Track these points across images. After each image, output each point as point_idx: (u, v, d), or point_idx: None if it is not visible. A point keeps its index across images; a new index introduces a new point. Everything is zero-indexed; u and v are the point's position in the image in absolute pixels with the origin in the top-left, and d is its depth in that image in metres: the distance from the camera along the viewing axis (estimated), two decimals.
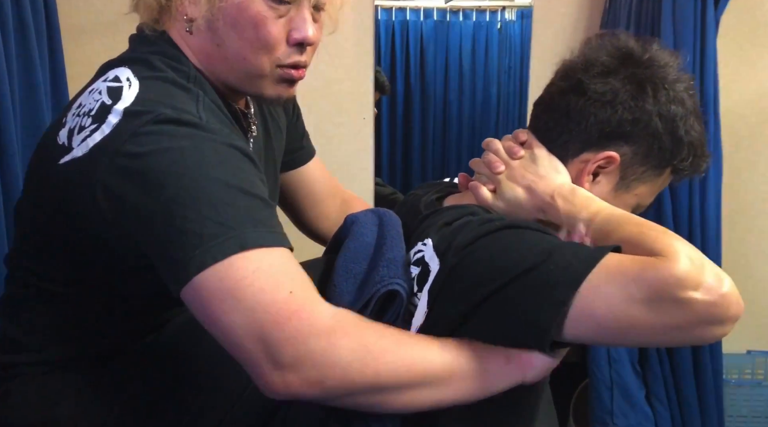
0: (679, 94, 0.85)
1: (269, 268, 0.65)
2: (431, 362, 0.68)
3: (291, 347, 0.64)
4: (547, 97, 0.92)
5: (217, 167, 0.68)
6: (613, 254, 0.69)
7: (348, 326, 0.67)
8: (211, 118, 0.74)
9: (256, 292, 0.64)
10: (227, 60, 0.80)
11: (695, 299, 0.64)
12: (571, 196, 0.82)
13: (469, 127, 3.79)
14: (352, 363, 0.65)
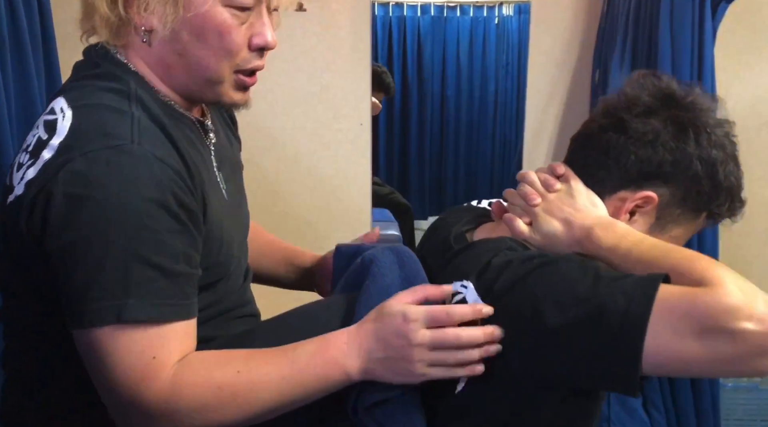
0: (720, 139, 0.84)
1: (138, 340, 0.70)
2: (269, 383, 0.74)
3: (142, 408, 0.71)
4: (586, 133, 0.89)
5: (123, 230, 0.68)
6: (662, 286, 0.67)
7: (184, 387, 0.71)
8: (147, 139, 0.72)
9: (119, 362, 0.70)
10: (188, 68, 0.79)
11: (748, 330, 0.61)
12: (610, 229, 0.81)
13: (466, 123, 3.79)
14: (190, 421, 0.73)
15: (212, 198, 0.82)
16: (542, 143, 2.04)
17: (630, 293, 0.67)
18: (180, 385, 0.71)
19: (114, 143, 0.70)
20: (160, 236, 0.70)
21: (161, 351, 0.71)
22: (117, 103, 0.75)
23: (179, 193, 0.72)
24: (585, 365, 0.69)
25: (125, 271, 0.68)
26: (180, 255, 0.72)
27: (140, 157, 0.70)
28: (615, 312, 0.66)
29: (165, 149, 0.74)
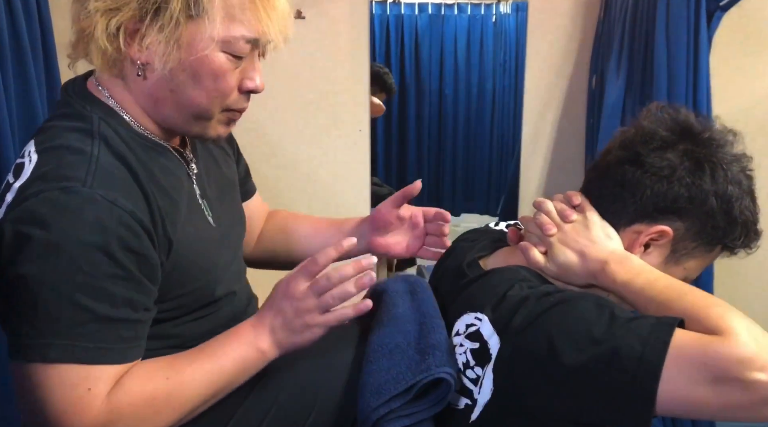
0: (737, 176, 0.83)
1: (65, 379, 0.71)
2: (196, 380, 0.78)
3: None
4: (602, 165, 0.89)
5: (59, 272, 0.70)
6: (677, 331, 0.67)
7: (123, 409, 0.74)
8: (101, 180, 0.73)
9: (46, 395, 0.71)
10: (178, 104, 0.81)
11: (760, 381, 0.62)
12: (624, 264, 0.81)
13: (464, 121, 3.79)
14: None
15: (187, 228, 0.83)
16: (540, 148, 2.06)
17: (645, 337, 0.67)
18: (117, 408, 0.74)
19: (64, 185, 0.71)
20: (96, 281, 0.71)
21: (96, 386, 0.72)
22: (79, 142, 0.76)
23: (126, 237, 0.73)
24: (598, 405, 0.70)
25: (56, 312, 0.70)
26: (118, 300, 0.73)
27: (87, 200, 0.71)
28: (630, 357, 0.66)
29: (121, 189, 0.75)
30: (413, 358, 0.79)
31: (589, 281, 0.84)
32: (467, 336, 0.80)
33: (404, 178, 3.75)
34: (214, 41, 0.77)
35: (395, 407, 0.77)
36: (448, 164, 3.79)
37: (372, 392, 0.78)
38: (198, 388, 0.78)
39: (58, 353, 0.71)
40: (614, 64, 1.75)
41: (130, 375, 0.76)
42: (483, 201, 3.75)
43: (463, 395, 0.79)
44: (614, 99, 1.73)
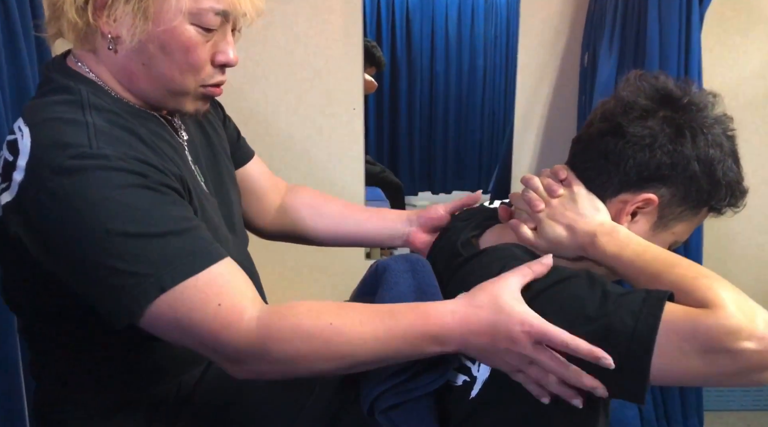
0: (718, 138, 0.84)
1: (192, 295, 0.71)
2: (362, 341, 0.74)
3: (232, 353, 0.72)
4: (585, 138, 0.90)
5: (117, 219, 0.70)
6: (667, 305, 0.69)
7: (273, 332, 0.72)
8: (105, 141, 0.74)
9: (188, 320, 0.71)
10: (152, 78, 0.81)
11: (748, 349, 0.64)
12: (613, 235, 0.82)
13: (455, 98, 3.78)
14: (287, 361, 0.73)
15: (192, 185, 0.84)
16: (532, 125, 2.06)
17: (636, 311, 0.69)
18: (268, 329, 0.72)
19: (72, 152, 0.72)
20: (151, 210, 0.73)
21: (222, 297, 0.72)
22: (71, 113, 0.76)
23: (151, 174, 0.75)
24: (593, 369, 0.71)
25: (140, 250, 0.71)
26: (177, 218, 0.75)
27: (101, 157, 0.72)
28: (623, 332, 0.68)
29: (127, 146, 0.76)
30: None
31: (578, 254, 0.85)
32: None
33: (396, 155, 3.75)
34: (182, 13, 0.77)
35: (396, 382, 0.79)
36: (439, 142, 3.79)
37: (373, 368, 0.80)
38: (362, 350, 0.73)
39: (170, 277, 0.71)
40: (606, 42, 1.76)
41: (295, 304, 0.75)
42: (474, 179, 3.76)
43: (461, 372, 0.81)
44: (606, 76, 1.74)
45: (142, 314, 0.71)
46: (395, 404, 0.79)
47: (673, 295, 0.71)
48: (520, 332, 0.70)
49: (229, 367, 0.75)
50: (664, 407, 1.83)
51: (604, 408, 0.85)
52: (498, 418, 0.80)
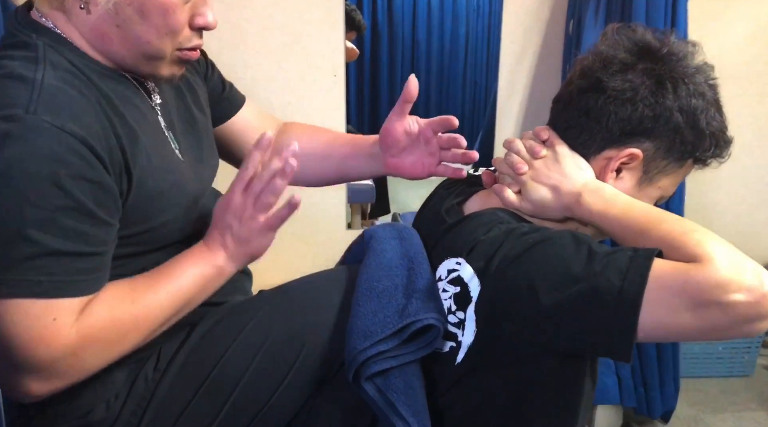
0: (699, 87, 0.82)
1: (23, 314, 0.69)
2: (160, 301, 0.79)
3: (41, 370, 0.71)
4: (565, 96, 0.88)
5: (7, 205, 0.66)
6: (655, 261, 0.68)
7: (90, 332, 0.73)
8: (46, 105, 0.68)
9: (9, 328, 0.69)
10: (126, 41, 0.77)
11: (738, 301, 0.64)
12: (598, 193, 0.81)
13: (437, 67, 3.74)
14: (99, 361, 0.76)
15: (153, 158, 0.80)
16: (516, 94, 2.05)
17: (624, 270, 0.68)
18: (86, 334, 0.73)
19: (6, 113, 0.67)
20: (46, 213, 0.68)
21: (60, 317, 0.71)
22: (22, 68, 0.72)
23: (77, 165, 0.69)
24: (580, 338, 0.72)
25: (5, 247, 0.67)
26: (71, 233, 0.70)
27: (31, 127, 0.67)
28: (609, 291, 0.67)
29: (70, 115, 0.70)
30: (401, 302, 0.80)
31: (565, 214, 0.84)
32: (449, 281, 0.81)
33: (377, 124, 3.71)
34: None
35: (382, 349, 0.78)
36: (421, 111, 3.76)
37: (359, 335, 0.79)
38: (162, 309, 0.80)
39: (12, 288, 0.68)
40: (592, 10, 1.74)
41: (97, 301, 0.74)
42: None
43: (447, 339, 0.81)
44: (591, 44, 1.72)
45: None
46: (381, 371, 0.78)
47: (661, 252, 0.70)
48: (224, 205, 0.82)
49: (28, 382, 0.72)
50: (642, 374, 1.86)
51: (591, 374, 0.85)
52: (484, 383, 0.80)
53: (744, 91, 2.03)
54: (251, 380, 0.85)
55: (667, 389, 1.88)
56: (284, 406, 0.87)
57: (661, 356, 1.86)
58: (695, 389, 2.17)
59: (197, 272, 0.82)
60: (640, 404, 1.88)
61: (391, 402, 0.78)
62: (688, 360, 2.18)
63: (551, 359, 0.77)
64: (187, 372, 0.85)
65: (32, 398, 0.73)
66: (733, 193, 2.15)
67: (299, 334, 0.86)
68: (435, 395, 0.83)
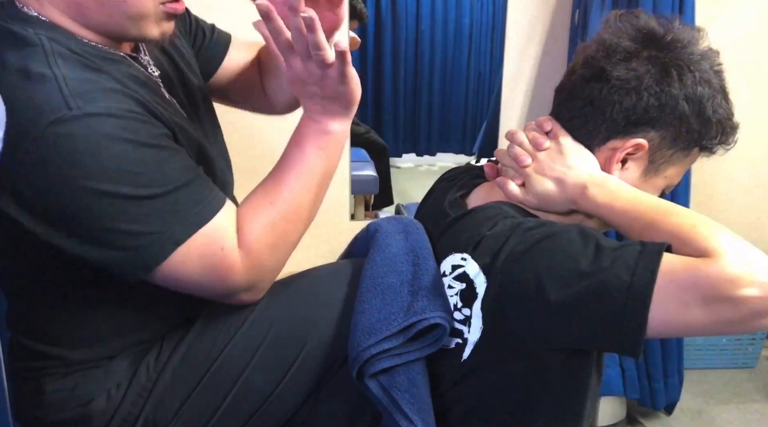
0: (705, 74, 0.80)
1: (201, 244, 0.75)
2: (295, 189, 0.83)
3: (241, 285, 0.80)
4: (569, 85, 0.86)
5: (121, 185, 0.70)
6: (664, 256, 0.67)
7: (258, 247, 0.79)
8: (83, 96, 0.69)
9: (199, 269, 0.76)
10: (103, 5, 0.75)
11: (750, 296, 0.63)
12: (604, 185, 0.79)
13: (441, 58, 3.72)
14: (280, 262, 0.84)
15: (174, 121, 0.82)
16: (520, 85, 2.03)
17: (632, 265, 0.66)
18: (253, 249, 0.79)
19: (55, 118, 0.68)
20: (155, 169, 0.73)
21: (224, 240, 0.77)
22: (35, 66, 0.71)
23: (144, 127, 0.73)
24: (588, 335, 0.71)
25: (150, 209, 0.72)
26: (180, 171, 0.75)
27: (84, 117, 0.69)
28: (618, 287, 0.66)
29: (108, 94, 0.72)
30: (406, 299, 0.79)
31: (569, 207, 0.83)
32: (455, 278, 0.80)
33: (380, 115, 3.70)
34: None
35: (387, 347, 0.77)
36: (424, 102, 3.75)
37: (363, 332, 0.78)
38: (302, 195, 0.83)
39: (182, 229, 0.74)
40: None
41: (240, 220, 0.80)
42: (458, 140, 3.73)
43: (453, 335, 0.80)
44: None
45: (157, 270, 0.74)
46: (385, 369, 0.78)
47: (670, 246, 0.68)
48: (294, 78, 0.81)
49: (238, 299, 0.82)
50: (645, 366, 1.85)
51: (597, 368, 0.85)
52: (490, 379, 0.80)
53: (750, 82, 2.02)
54: (252, 374, 0.84)
55: (671, 381, 1.88)
56: (286, 401, 0.87)
57: (665, 347, 1.86)
58: (699, 381, 2.17)
59: (315, 145, 0.83)
60: (644, 396, 1.88)
61: (395, 400, 0.77)
62: (692, 352, 2.18)
63: (558, 355, 0.76)
64: (188, 364, 0.85)
65: (258, 299, 0.85)
66: (739, 185, 2.13)
67: (302, 328, 0.85)
68: (440, 391, 0.82)
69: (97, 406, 0.83)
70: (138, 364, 0.85)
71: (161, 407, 0.84)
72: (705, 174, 2.06)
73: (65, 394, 0.83)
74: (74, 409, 0.83)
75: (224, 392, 0.84)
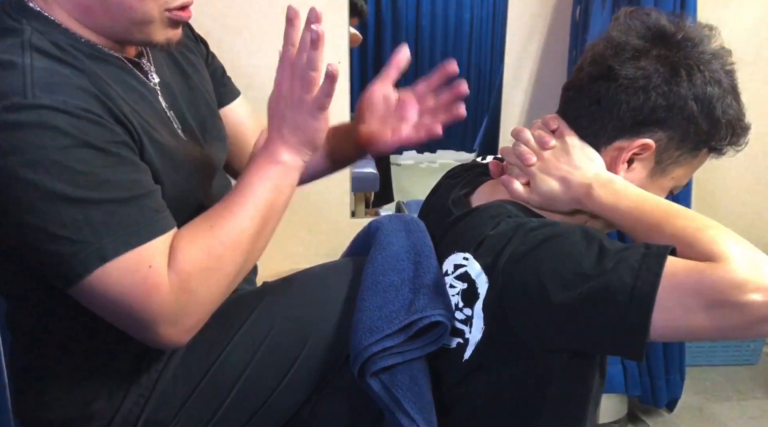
0: (715, 74, 0.78)
1: (130, 266, 0.70)
2: (237, 216, 0.78)
3: (167, 311, 0.72)
4: (576, 83, 0.84)
5: (58, 183, 0.67)
6: (668, 259, 0.66)
7: (189, 269, 0.74)
8: (42, 88, 0.68)
9: (120, 288, 0.71)
10: (109, 10, 0.75)
11: (755, 302, 0.62)
12: (609, 186, 0.78)
13: (441, 53, 3.71)
14: (212, 294, 0.76)
15: (154, 135, 0.80)
16: (521, 82, 2.03)
17: (636, 268, 0.66)
18: (183, 271, 0.73)
19: (8, 103, 0.67)
20: (97, 174, 0.69)
21: (153, 259, 0.72)
22: (8, 55, 0.70)
23: (96, 129, 0.70)
24: (591, 337, 0.70)
25: (83, 217, 0.68)
26: (127, 183, 0.72)
27: (40, 108, 0.68)
28: (622, 290, 0.65)
29: (71, 90, 0.71)
30: (407, 297, 0.78)
31: (574, 206, 0.82)
32: (457, 277, 0.79)
33: None
34: None
35: (388, 345, 0.76)
36: None
37: (365, 330, 0.78)
38: (244, 222, 0.78)
39: (111, 247, 0.69)
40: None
41: (176, 241, 0.75)
42: (459, 137, 3.73)
43: (454, 335, 0.79)
44: (599, 31, 1.69)
45: (78, 283, 0.69)
46: (386, 367, 0.77)
47: (674, 249, 0.67)
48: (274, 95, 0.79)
49: (161, 333, 0.73)
50: (647, 363, 1.85)
51: (600, 370, 0.84)
52: (491, 380, 0.79)
53: (751, 78, 2.01)
54: (254, 373, 0.84)
55: (673, 378, 1.88)
56: (287, 399, 0.86)
57: (667, 345, 1.85)
58: (700, 378, 2.17)
59: (263, 175, 0.80)
60: (646, 393, 1.88)
61: (397, 399, 0.77)
62: (693, 349, 2.18)
63: (560, 356, 0.76)
64: (189, 363, 0.84)
65: (181, 343, 0.76)
66: (741, 183, 2.13)
67: (303, 327, 0.85)
68: (441, 390, 0.82)
69: (99, 406, 0.83)
70: (139, 364, 0.85)
71: (162, 407, 0.84)
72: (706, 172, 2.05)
73: (66, 395, 0.83)
74: (75, 409, 0.83)
75: (226, 391, 0.84)
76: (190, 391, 0.84)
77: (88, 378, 0.82)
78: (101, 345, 0.84)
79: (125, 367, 0.84)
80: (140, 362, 0.85)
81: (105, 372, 0.83)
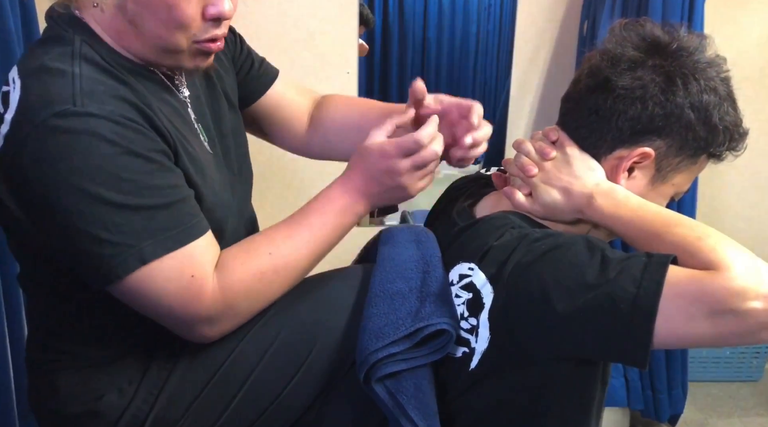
0: (711, 82, 0.80)
1: (169, 268, 0.73)
2: (300, 251, 0.82)
3: (204, 318, 0.77)
4: (574, 95, 0.86)
5: (103, 188, 0.70)
6: (670, 268, 0.67)
7: (237, 288, 0.78)
8: (91, 96, 0.71)
9: (162, 291, 0.74)
10: (142, 37, 0.78)
11: (756, 309, 0.63)
12: (611, 195, 0.80)
13: (447, 66, 3.73)
14: (252, 312, 0.81)
15: (186, 146, 0.82)
16: (528, 95, 2.05)
17: (638, 277, 0.67)
18: (229, 287, 0.77)
19: (58, 110, 0.69)
20: (140, 180, 0.72)
21: (195, 268, 0.75)
22: (59, 63, 0.73)
23: (139, 138, 0.73)
24: (594, 346, 0.71)
25: (126, 221, 0.71)
26: (165, 189, 0.74)
27: (88, 116, 0.70)
28: (624, 299, 0.66)
29: (116, 100, 0.73)
30: (414, 305, 0.79)
31: (576, 216, 0.84)
32: (462, 287, 0.80)
33: None
34: None
35: (394, 352, 0.77)
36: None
37: (371, 336, 0.78)
38: (302, 259, 0.82)
39: (150, 249, 0.72)
40: (608, 10, 1.73)
41: (230, 256, 0.79)
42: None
43: (460, 344, 0.80)
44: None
45: (118, 283, 0.72)
46: (392, 373, 0.78)
47: (676, 258, 0.69)
48: (384, 161, 0.82)
49: (196, 332, 0.78)
50: (650, 377, 1.85)
51: (602, 379, 0.85)
52: (497, 388, 0.80)
53: (757, 95, 2.02)
54: (261, 375, 0.85)
55: (675, 393, 1.88)
56: (293, 403, 0.87)
57: (670, 359, 1.85)
58: (703, 394, 2.16)
59: (337, 221, 0.84)
60: (648, 407, 1.88)
61: (401, 405, 0.77)
62: (696, 364, 2.18)
63: (565, 365, 0.77)
64: (199, 363, 0.85)
65: (215, 339, 0.81)
66: (745, 198, 2.13)
67: (311, 332, 0.86)
68: (446, 399, 0.82)
69: (109, 401, 0.83)
70: (149, 361, 0.86)
71: (171, 405, 0.84)
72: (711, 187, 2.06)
73: (77, 388, 0.84)
74: (86, 403, 0.84)
75: (233, 392, 0.85)
76: (198, 390, 0.85)
77: (100, 372, 0.83)
78: (111, 343, 0.85)
79: (135, 364, 0.85)
80: (150, 360, 0.86)
81: (115, 369, 0.84)
